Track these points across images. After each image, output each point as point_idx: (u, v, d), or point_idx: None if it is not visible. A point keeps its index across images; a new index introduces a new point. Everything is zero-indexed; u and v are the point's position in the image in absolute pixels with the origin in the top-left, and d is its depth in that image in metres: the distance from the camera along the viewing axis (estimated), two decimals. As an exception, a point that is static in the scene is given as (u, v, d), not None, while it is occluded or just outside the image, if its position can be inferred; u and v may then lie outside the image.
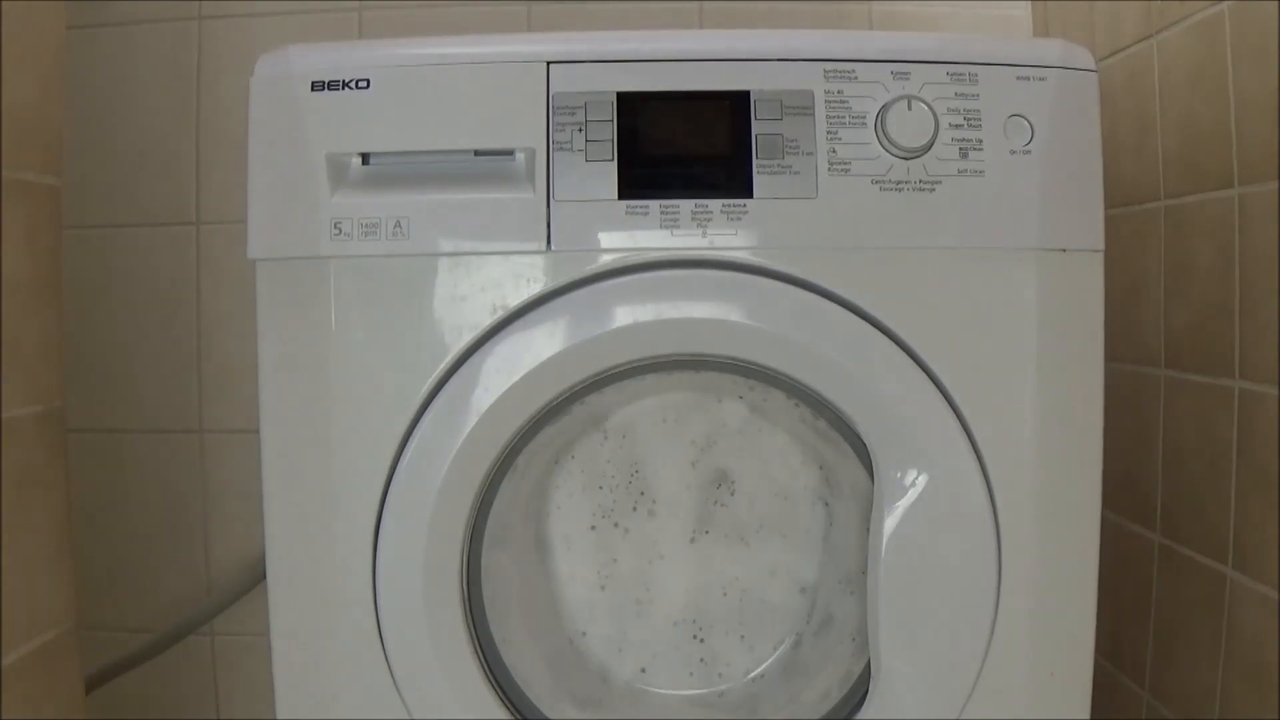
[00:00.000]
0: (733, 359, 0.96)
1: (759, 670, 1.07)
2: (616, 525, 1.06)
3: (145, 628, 1.55)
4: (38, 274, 1.02)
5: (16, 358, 0.99)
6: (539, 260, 0.94)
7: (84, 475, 1.55)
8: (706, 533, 1.06)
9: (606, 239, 0.94)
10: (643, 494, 1.05)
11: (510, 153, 0.95)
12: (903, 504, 0.94)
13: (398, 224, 0.93)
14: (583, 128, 0.93)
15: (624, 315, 0.93)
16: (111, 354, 1.56)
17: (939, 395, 0.94)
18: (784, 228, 0.94)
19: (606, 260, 0.94)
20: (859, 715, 0.98)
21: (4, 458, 0.96)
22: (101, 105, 1.55)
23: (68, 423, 1.09)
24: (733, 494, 1.05)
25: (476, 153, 0.95)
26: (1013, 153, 0.94)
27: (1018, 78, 0.95)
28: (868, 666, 0.99)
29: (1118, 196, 1.29)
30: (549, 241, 0.93)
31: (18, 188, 0.99)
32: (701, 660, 1.07)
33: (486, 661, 0.99)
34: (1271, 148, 1.01)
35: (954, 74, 0.95)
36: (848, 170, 0.93)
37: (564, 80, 0.94)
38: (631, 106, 0.94)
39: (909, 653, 0.95)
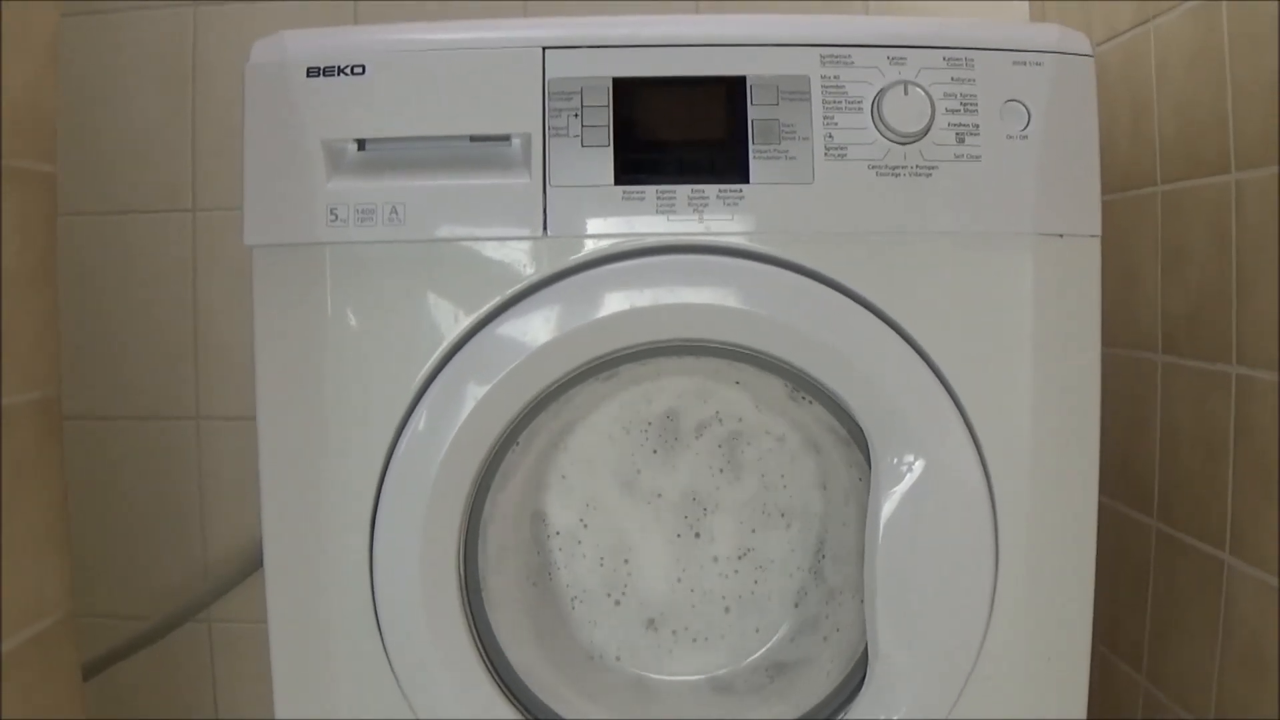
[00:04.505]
0: (729, 344, 0.96)
1: (757, 655, 1.07)
2: (615, 510, 1.06)
3: (142, 615, 1.55)
4: (33, 261, 1.02)
5: (12, 345, 0.98)
6: (535, 246, 0.94)
7: (80, 462, 1.55)
8: (704, 517, 1.06)
9: (603, 224, 0.93)
10: (640, 478, 1.05)
11: (506, 138, 0.95)
12: (899, 489, 0.94)
13: (394, 210, 0.93)
14: (579, 113, 0.93)
15: (620, 301, 0.93)
16: (108, 341, 1.56)
17: (936, 381, 0.94)
18: (780, 213, 0.93)
19: (603, 246, 0.94)
20: (857, 700, 0.99)
21: (1, 444, 0.96)
22: (97, 92, 1.55)
23: (64, 410, 1.09)
24: (730, 479, 1.05)
25: (472, 138, 0.95)
26: (1009, 138, 0.94)
27: (1014, 62, 0.95)
28: (865, 653, 0.99)
29: (1114, 182, 1.29)
30: (545, 227, 0.93)
31: (12, 175, 0.99)
32: (697, 643, 1.07)
33: (485, 648, 0.99)
34: (1268, 133, 1.01)
35: (950, 59, 0.94)
36: (844, 155, 0.93)
37: (560, 65, 0.94)
38: (627, 92, 0.94)
39: (906, 638, 0.96)
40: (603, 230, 0.94)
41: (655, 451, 1.05)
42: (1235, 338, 1.07)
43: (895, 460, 0.95)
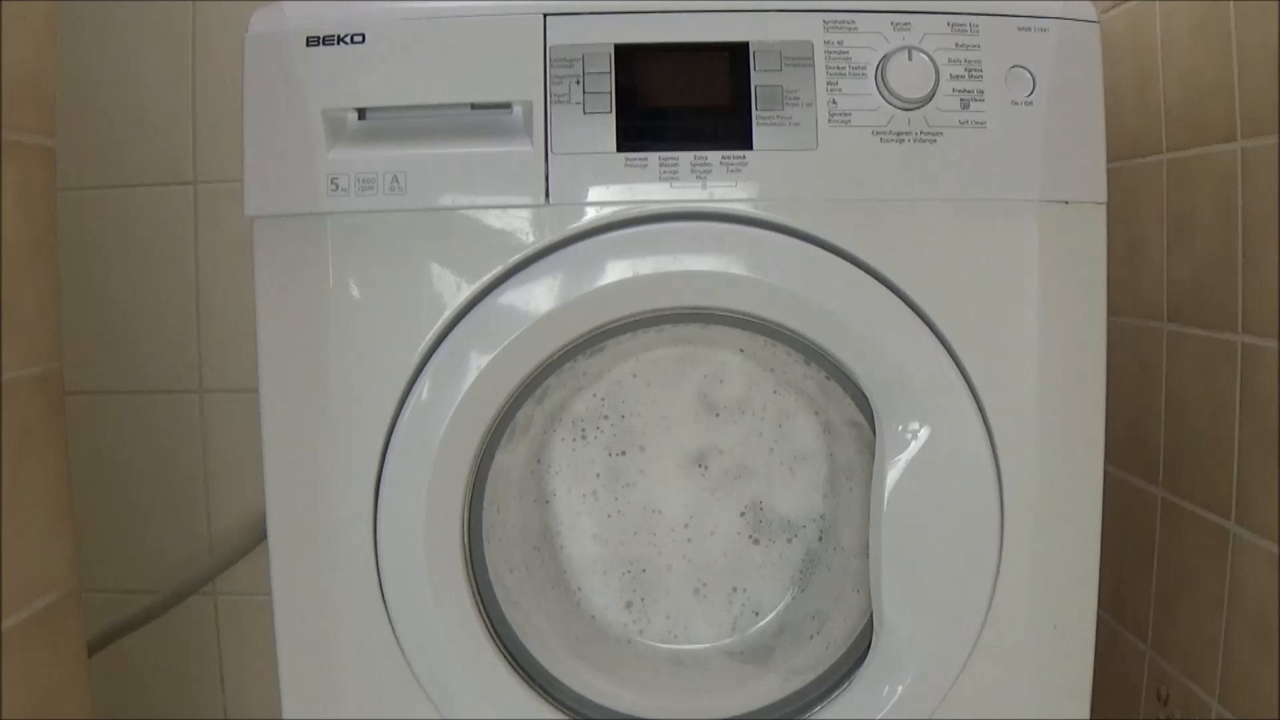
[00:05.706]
0: (733, 312, 0.95)
1: (761, 623, 1.07)
2: (617, 478, 1.06)
3: (147, 589, 1.55)
4: (33, 235, 1.02)
5: (13, 319, 0.98)
6: (537, 214, 0.93)
7: (83, 437, 1.55)
8: (707, 485, 1.06)
9: (605, 192, 0.93)
10: (643, 447, 1.05)
11: (507, 106, 0.94)
12: (904, 456, 0.94)
13: (395, 179, 0.92)
14: (580, 80, 0.93)
15: (624, 268, 0.92)
16: (110, 315, 1.56)
17: (940, 347, 0.94)
18: (784, 179, 0.93)
19: (605, 213, 0.94)
20: (862, 669, 0.99)
21: (2, 420, 0.96)
22: (97, 64, 1.54)
23: (66, 384, 1.09)
24: (735, 447, 1.05)
25: (473, 106, 0.95)
26: (1014, 104, 0.94)
27: (1019, 28, 0.94)
28: (870, 620, 0.99)
29: (1119, 149, 1.29)
30: (547, 195, 0.93)
31: (12, 149, 0.98)
32: (700, 611, 1.07)
33: (489, 616, 0.99)
34: (1274, 101, 1.00)
35: (955, 24, 0.94)
36: (848, 121, 0.93)
37: (561, 32, 0.93)
38: (629, 58, 0.93)
39: (912, 605, 0.95)
40: (605, 198, 0.93)
41: (658, 424, 1.05)
42: (1241, 306, 1.07)
43: (900, 427, 0.94)
